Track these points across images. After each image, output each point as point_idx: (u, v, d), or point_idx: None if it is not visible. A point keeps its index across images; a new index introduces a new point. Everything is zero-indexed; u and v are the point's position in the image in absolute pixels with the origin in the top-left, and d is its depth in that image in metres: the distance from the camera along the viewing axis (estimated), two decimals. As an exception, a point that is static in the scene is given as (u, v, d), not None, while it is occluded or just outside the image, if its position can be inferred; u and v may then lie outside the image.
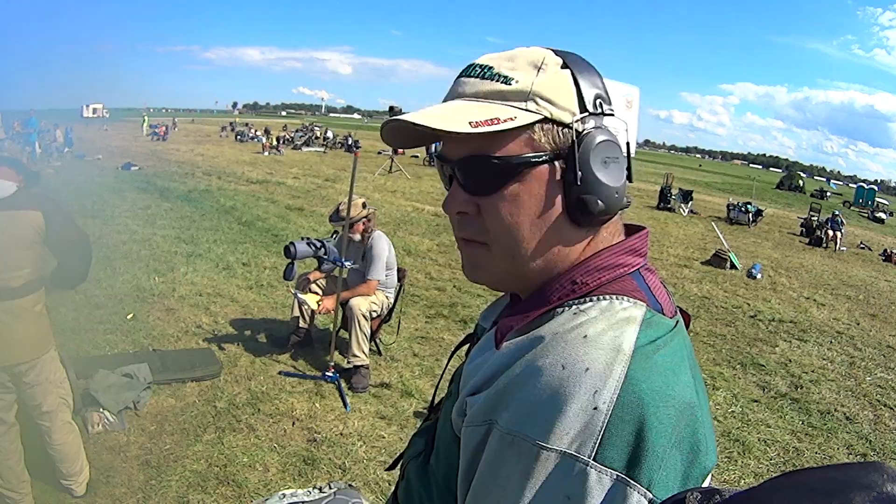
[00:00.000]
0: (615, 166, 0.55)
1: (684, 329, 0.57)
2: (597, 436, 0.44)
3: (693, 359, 0.56)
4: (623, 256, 0.57)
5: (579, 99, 0.54)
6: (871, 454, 3.41)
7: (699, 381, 0.54)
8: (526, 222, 0.55)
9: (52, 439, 2.16)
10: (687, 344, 0.55)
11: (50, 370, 2.11)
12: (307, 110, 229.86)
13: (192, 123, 47.11)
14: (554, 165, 0.54)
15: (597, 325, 0.49)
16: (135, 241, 6.28)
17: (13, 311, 1.92)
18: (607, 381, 0.45)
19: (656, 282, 0.59)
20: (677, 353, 0.51)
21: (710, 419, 0.54)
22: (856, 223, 19.72)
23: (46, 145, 15.46)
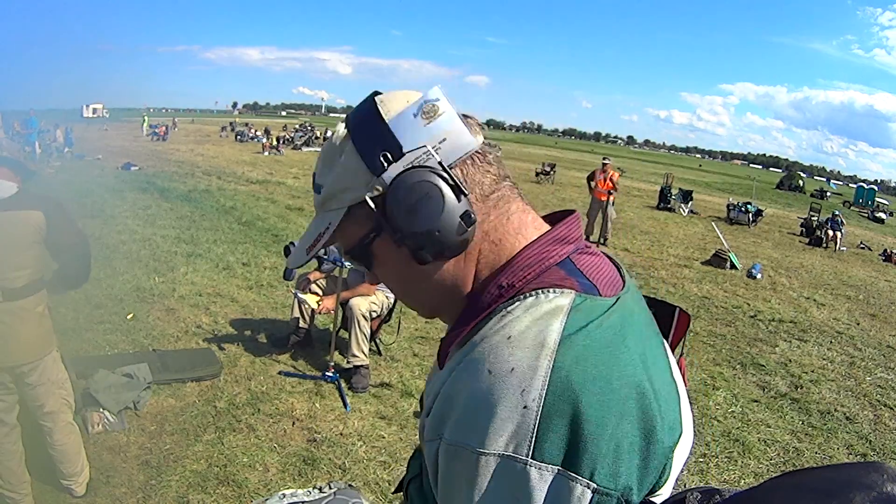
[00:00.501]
0: (428, 204, 0.53)
1: (630, 303, 0.56)
2: (531, 434, 0.44)
3: (643, 331, 0.55)
4: (548, 248, 0.56)
5: (368, 166, 0.55)
6: (871, 454, 3.41)
7: (652, 353, 0.53)
8: (402, 280, 0.60)
9: (53, 440, 2.16)
10: (632, 318, 0.54)
11: (52, 371, 2.10)
12: (307, 110, 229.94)
13: (192, 123, 47.13)
14: (384, 234, 0.56)
15: (520, 324, 0.49)
16: (135, 241, 6.28)
17: (15, 312, 1.92)
18: (534, 378, 0.45)
19: (593, 262, 0.58)
20: (615, 330, 0.50)
21: (671, 391, 0.53)
22: (856, 223, 19.72)
23: (46, 145, 15.46)
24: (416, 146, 0.54)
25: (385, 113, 0.56)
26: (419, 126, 0.55)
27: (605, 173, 9.28)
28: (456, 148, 0.55)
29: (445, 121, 0.55)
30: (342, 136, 0.58)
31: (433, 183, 0.53)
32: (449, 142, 0.55)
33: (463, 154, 0.56)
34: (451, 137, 0.55)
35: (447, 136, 0.55)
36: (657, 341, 0.58)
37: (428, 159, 0.54)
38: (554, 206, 14.08)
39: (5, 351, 1.94)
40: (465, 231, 0.54)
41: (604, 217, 8.78)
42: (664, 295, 6.12)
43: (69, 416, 2.21)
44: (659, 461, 0.48)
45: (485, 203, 0.57)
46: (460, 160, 0.56)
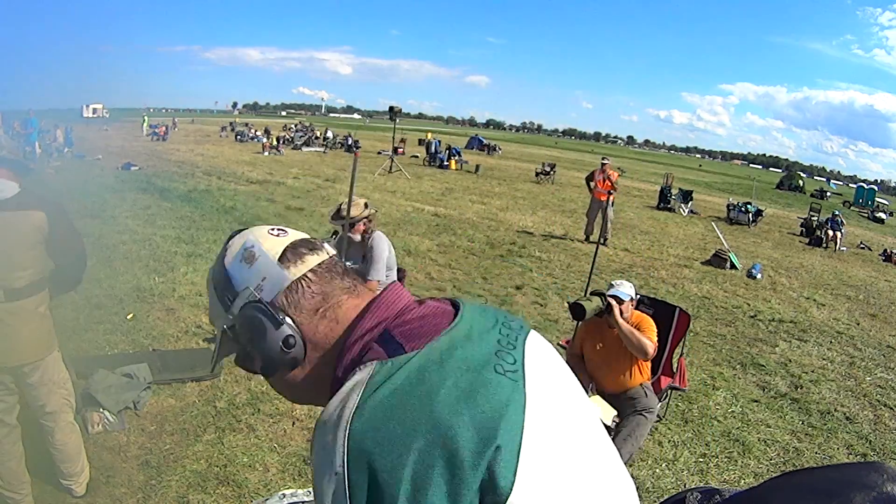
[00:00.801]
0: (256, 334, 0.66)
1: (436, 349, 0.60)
2: (345, 494, 0.52)
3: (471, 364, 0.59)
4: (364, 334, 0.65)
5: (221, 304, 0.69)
6: (871, 454, 3.41)
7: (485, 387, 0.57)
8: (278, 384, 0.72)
9: (54, 439, 2.16)
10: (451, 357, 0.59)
11: (53, 371, 2.11)
12: (307, 110, 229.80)
13: (192, 123, 47.11)
14: None
15: (329, 408, 0.58)
16: (135, 241, 6.28)
17: (16, 313, 1.92)
18: (336, 450, 0.54)
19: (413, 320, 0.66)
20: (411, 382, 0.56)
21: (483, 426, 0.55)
22: (856, 223, 19.72)
23: (46, 145, 15.45)
24: (242, 287, 0.67)
25: (227, 260, 0.70)
26: (244, 269, 0.68)
27: (604, 173, 9.28)
28: (275, 284, 0.67)
29: (262, 263, 0.68)
30: None
31: (256, 316, 0.65)
32: (269, 279, 0.67)
33: (282, 288, 0.67)
34: (270, 275, 0.67)
35: (266, 275, 0.67)
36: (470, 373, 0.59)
37: (253, 297, 0.66)
38: (554, 206, 14.09)
39: (7, 351, 1.94)
40: (289, 352, 0.66)
41: (603, 217, 8.78)
42: (664, 295, 6.13)
43: (70, 415, 2.21)
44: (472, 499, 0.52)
45: (313, 319, 0.68)
46: (282, 292, 0.67)
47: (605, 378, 3.03)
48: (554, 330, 4.82)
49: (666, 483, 2.80)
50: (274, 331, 0.65)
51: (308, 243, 0.72)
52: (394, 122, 18.74)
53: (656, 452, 3.06)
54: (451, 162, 21.18)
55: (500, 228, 9.66)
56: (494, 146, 36.12)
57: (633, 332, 2.84)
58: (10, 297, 1.90)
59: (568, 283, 6.44)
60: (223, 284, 0.69)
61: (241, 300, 0.67)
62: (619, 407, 2.94)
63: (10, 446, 2.04)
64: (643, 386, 3.00)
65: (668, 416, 3.44)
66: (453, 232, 8.78)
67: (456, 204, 12.01)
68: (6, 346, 1.93)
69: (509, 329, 0.68)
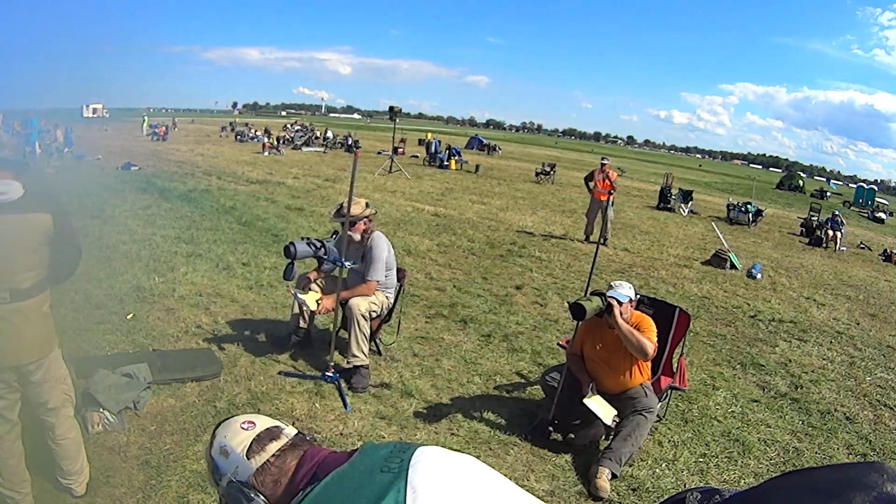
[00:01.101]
0: None
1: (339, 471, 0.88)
2: None
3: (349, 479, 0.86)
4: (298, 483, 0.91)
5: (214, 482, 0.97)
6: (871, 454, 3.41)
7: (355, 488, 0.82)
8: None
9: (55, 435, 2.18)
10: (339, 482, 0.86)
11: (55, 367, 2.13)
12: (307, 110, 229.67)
13: (192, 123, 47.10)
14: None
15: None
16: (135, 241, 6.28)
17: (22, 313, 1.95)
18: None
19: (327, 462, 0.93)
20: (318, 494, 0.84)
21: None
22: (856, 223, 19.73)
23: (46, 145, 15.44)
24: (224, 472, 0.94)
25: (212, 451, 0.97)
26: (223, 461, 0.95)
27: (603, 173, 9.28)
28: (244, 471, 0.93)
29: (233, 458, 0.94)
30: None
31: (236, 493, 0.92)
32: (240, 468, 0.93)
33: (250, 474, 0.92)
34: (240, 465, 0.93)
35: (238, 465, 0.93)
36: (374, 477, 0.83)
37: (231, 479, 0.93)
38: (554, 206, 14.06)
39: (13, 351, 1.96)
40: None
41: (603, 217, 8.79)
42: (664, 295, 6.13)
43: (71, 410, 2.24)
44: None
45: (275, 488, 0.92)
46: (251, 476, 0.92)
47: (605, 378, 3.03)
48: (554, 330, 4.82)
49: (666, 483, 2.80)
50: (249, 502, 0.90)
51: (270, 433, 0.97)
52: (394, 122, 18.74)
53: (656, 452, 3.06)
54: (451, 162, 21.19)
55: (500, 228, 9.66)
56: (494, 146, 36.12)
57: (633, 332, 2.84)
58: (16, 298, 1.92)
59: (568, 283, 6.44)
60: (211, 468, 0.96)
61: (224, 481, 0.93)
62: (620, 407, 2.94)
63: (10, 443, 2.04)
64: (643, 386, 3.00)
65: (668, 416, 3.44)
66: (453, 232, 8.78)
67: (456, 204, 12.01)
68: (13, 345, 1.95)
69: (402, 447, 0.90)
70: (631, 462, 2.88)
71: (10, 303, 1.90)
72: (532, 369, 3.98)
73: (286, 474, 0.94)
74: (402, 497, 0.76)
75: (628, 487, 2.74)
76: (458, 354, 4.07)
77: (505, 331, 4.66)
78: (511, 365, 4.02)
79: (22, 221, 1.90)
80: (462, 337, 4.43)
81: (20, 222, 1.89)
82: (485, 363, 3.99)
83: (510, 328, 4.74)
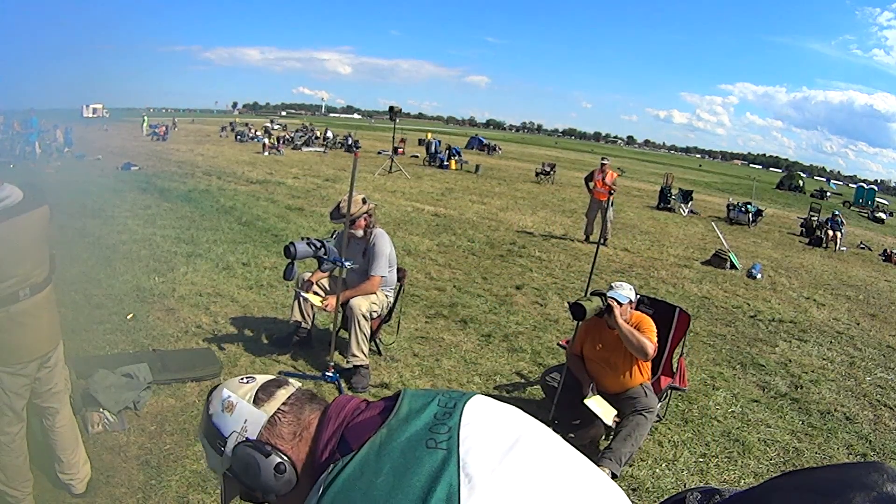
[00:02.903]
0: (251, 468, 0.77)
1: (376, 441, 0.71)
2: None
3: (388, 457, 0.69)
4: (327, 446, 0.76)
5: (215, 451, 0.82)
6: (871, 454, 3.41)
7: (398, 473, 0.66)
8: None
9: (55, 421, 2.20)
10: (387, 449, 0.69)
11: (60, 352, 2.19)
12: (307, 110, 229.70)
13: (192, 123, 47.09)
14: None
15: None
16: (135, 241, 6.28)
17: (40, 304, 2.00)
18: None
19: (360, 421, 0.77)
20: (353, 476, 0.67)
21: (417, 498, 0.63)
22: (856, 223, 19.72)
23: (46, 145, 15.45)
24: (229, 433, 0.79)
25: (211, 413, 0.82)
26: (227, 418, 0.80)
27: (603, 173, 9.28)
28: (255, 424, 0.79)
29: (241, 409, 0.80)
30: None
31: (247, 453, 0.77)
32: (249, 421, 0.79)
33: (262, 424, 0.79)
34: (249, 417, 0.80)
35: (247, 418, 0.80)
36: (419, 456, 0.68)
37: (240, 438, 0.78)
38: (554, 206, 14.07)
39: (38, 342, 2.02)
40: (282, 476, 0.77)
41: (603, 217, 8.79)
42: (664, 295, 6.13)
43: (68, 395, 2.30)
44: None
45: (294, 443, 0.79)
46: (263, 428, 0.79)
47: (605, 378, 3.03)
48: (554, 330, 4.82)
49: (666, 483, 2.80)
50: (265, 461, 0.77)
51: (275, 382, 0.85)
52: (394, 122, 18.74)
53: (656, 452, 3.06)
54: (451, 162, 21.19)
55: (500, 228, 9.66)
56: (494, 146, 36.12)
57: (634, 332, 2.84)
58: (35, 292, 1.98)
59: (568, 283, 6.44)
60: (213, 434, 0.81)
61: (231, 443, 0.79)
62: (620, 407, 2.94)
63: (20, 442, 2.07)
64: (643, 386, 3.00)
65: (668, 416, 3.44)
66: (453, 232, 8.77)
67: (456, 204, 12.01)
68: (38, 336, 2.02)
69: (448, 398, 0.77)
70: (631, 462, 2.88)
71: (31, 297, 1.96)
72: (532, 369, 3.98)
73: (307, 428, 0.80)
74: (457, 488, 0.63)
75: (628, 487, 2.74)
76: (458, 354, 4.07)
77: (505, 331, 4.66)
78: (511, 365, 4.02)
79: (30, 220, 1.94)
80: (462, 337, 4.43)
81: (28, 221, 1.93)
82: (485, 363, 3.99)
83: (510, 328, 4.74)
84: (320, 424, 0.79)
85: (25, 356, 1.98)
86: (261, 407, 0.80)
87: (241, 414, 0.80)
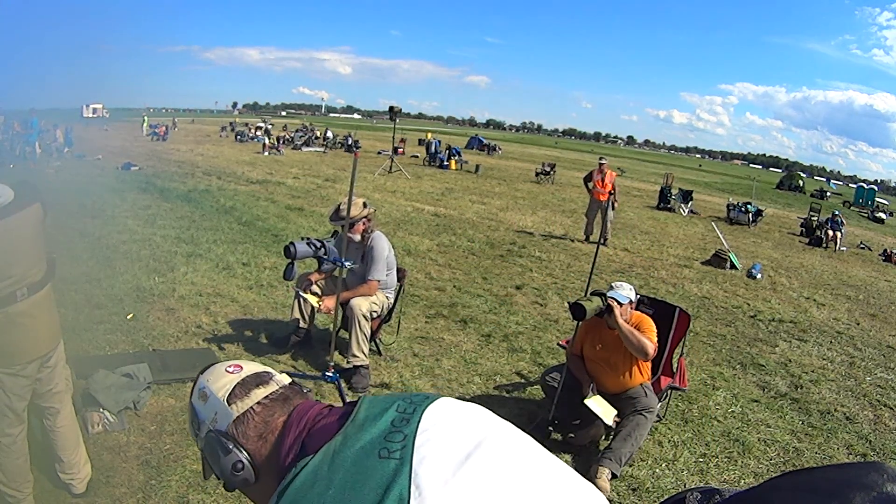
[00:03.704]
0: (213, 457, 0.79)
1: (331, 448, 0.70)
2: None
3: (339, 466, 0.68)
4: (289, 451, 0.76)
5: (193, 432, 0.85)
6: (871, 454, 3.41)
7: (350, 484, 0.65)
8: (254, 498, 0.85)
9: (56, 422, 2.20)
10: (342, 453, 0.69)
11: (61, 351, 2.19)
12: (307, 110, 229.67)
13: (192, 123, 47.09)
14: None
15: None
16: (135, 241, 6.28)
17: (40, 303, 1.99)
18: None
19: (320, 425, 0.77)
20: (305, 484, 0.67)
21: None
22: (856, 223, 19.72)
23: (46, 145, 15.44)
24: (203, 420, 0.82)
25: (192, 396, 0.85)
26: (201, 406, 0.83)
27: (602, 174, 9.28)
28: (224, 418, 0.80)
29: (213, 402, 0.82)
30: None
31: (212, 443, 0.80)
32: (219, 414, 0.81)
33: (230, 421, 0.80)
34: (219, 411, 0.81)
35: (217, 411, 0.81)
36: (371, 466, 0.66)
37: (210, 427, 0.81)
38: (554, 206, 14.06)
39: (37, 342, 2.01)
40: (238, 474, 0.78)
41: (603, 217, 8.79)
42: (664, 295, 6.13)
43: (69, 395, 2.29)
44: None
45: (258, 444, 0.80)
46: (231, 424, 0.80)
47: (605, 378, 3.03)
48: (554, 330, 4.82)
49: (666, 483, 2.80)
50: (224, 457, 0.78)
51: (257, 379, 0.84)
52: (394, 122, 18.75)
53: (656, 452, 3.06)
54: (451, 162, 21.19)
55: (500, 228, 9.66)
56: (494, 146, 36.12)
57: (634, 332, 2.84)
58: (33, 291, 1.96)
59: (568, 283, 6.44)
60: (191, 415, 0.85)
61: (203, 430, 0.82)
62: (620, 407, 2.94)
63: (21, 443, 2.07)
64: (643, 386, 3.00)
65: (668, 416, 3.44)
66: (453, 232, 8.77)
67: (456, 204, 12.01)
68: (37, 337, 2.01)
69: (409, 403, 0.75)
70: (631, 462, 2.88)
71: (28, 297, 1.95)
72: (532, 369, 3.98)
73: (273, 432, 0.80)
74: (406, 502, 0.61)
75: (628, 487, 2.74)
76: (458, 354, 4.07)
77: (505, 331, 4.66)
78: (511, 365, 4.02)
79: (23, 218, 1.93)
80: (462, 337, 4.43)
81: (22, 220, 1.92)
82: (485, 363, 3.99)
83: (510, 328, 4.74)
84: (284, 428, 0.79)
85: (25, 357, 1.98)
86: (232, 405, 0.81)
87: (212, 406, 0.82)
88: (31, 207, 1.96)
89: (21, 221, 1.92)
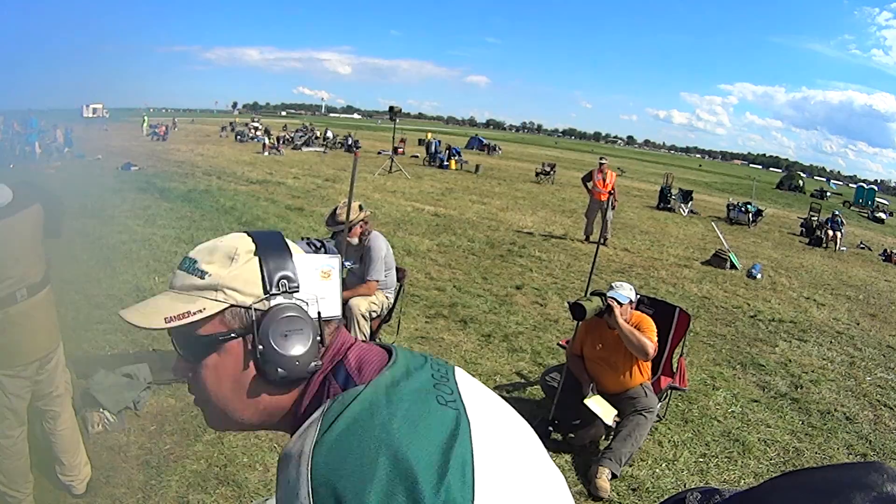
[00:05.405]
0: (297, 337, 0.66)
1: (381, 383, 0.63)
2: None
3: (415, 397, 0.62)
4: (326, 375, 0.68)
5: (264, 282, 0.66)
6: (871, 454, 3.41)
7: (426, 418, 0.60)
8: (226, 386, 0.68)
9: (57, 424, 2.19)
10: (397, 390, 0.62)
11: (61, 353, 2.18)
12: (307, 110, 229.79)
13: (192, 123, 47.07)
14: (245, 339, 0.66)
15: (291, 443, 0.60)
16: (135, 241, 6.28)
17: (39, 305, 1.99)
18: (299, 483, 0.55)
19: (360, 354, 0.69)
20: (364, 415, 0.59)
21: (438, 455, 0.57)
22: (856, 223, 19.72)
23: (46, 145, 15.45)
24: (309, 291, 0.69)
25: (295, 252, 0.70)
26: (316, 279, 0.70)
27: (602, 174, 9.28)
28: (330, 309, 0.70)
29: (334, 285, 0.71)
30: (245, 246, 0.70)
31: (309, 327, 0.67)
32: (327, 301, 0.70)
33: (332, 316, 0.70)
34: (330, 300, 0.70)
35: (328, 297, 0.70)
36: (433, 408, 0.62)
37: (310, 307, 0.68)
38: (554, 206, 14.07)
39: (36, 343, 2.01)
40: (313, 368, 0.67)
41: (603, 217, 8.79)
42: (664, 295, 6.13)
43: (70, 397, 2.28)
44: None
45: (325, 353, 0.70)
46: (329, 319, 0.70)
47: (605, 378, 3.03)
48: (554, 330, 4.82)
49: (666, 483, 2.80)
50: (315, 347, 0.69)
51: None
52: (394, 122, 18.75)
53: (656, 452, 3.06)
54: (451, 162, 21.18)
55: (500, 228, 9.66)
56: (494, 146, 36.12)
57: (634, 332, 2.84)
58: (32, 292, 1.96)
59: (568, 283, 6.44)
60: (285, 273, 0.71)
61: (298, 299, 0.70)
62: (620, 407, 2.94)
63: (21, 444, 2.07)
64: (643, 386, 3.00)
65: (668, 416, 3.44)
66: (453, 232, 8.77)
67: (456, 204, 12.01)
68: (36, 338, 2.00)
69: (438, 365, 0.71)
70: (631, 462, 2.88)
71: (28, 298, 1.94)
72: (532, 369, 3.98)
73: None
74: (470, 456, 0.58)
75: (628, 487, 2.74)
76: (458, 354, 4.07)
77: (505, 331, 4.66)
78: (511, 365, 4.02)
79: (22, 219, 1.93)
80: (462, 337, 4.43)
81: (20, 221, 1.92)
82: (485, 363, 3.99)
83: (510, 328, 4.74)
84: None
85: (25, 358, 1.98)
86: None
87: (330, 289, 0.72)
88: (31, 209, 1.96)
89: (19, 223, 1.91)
